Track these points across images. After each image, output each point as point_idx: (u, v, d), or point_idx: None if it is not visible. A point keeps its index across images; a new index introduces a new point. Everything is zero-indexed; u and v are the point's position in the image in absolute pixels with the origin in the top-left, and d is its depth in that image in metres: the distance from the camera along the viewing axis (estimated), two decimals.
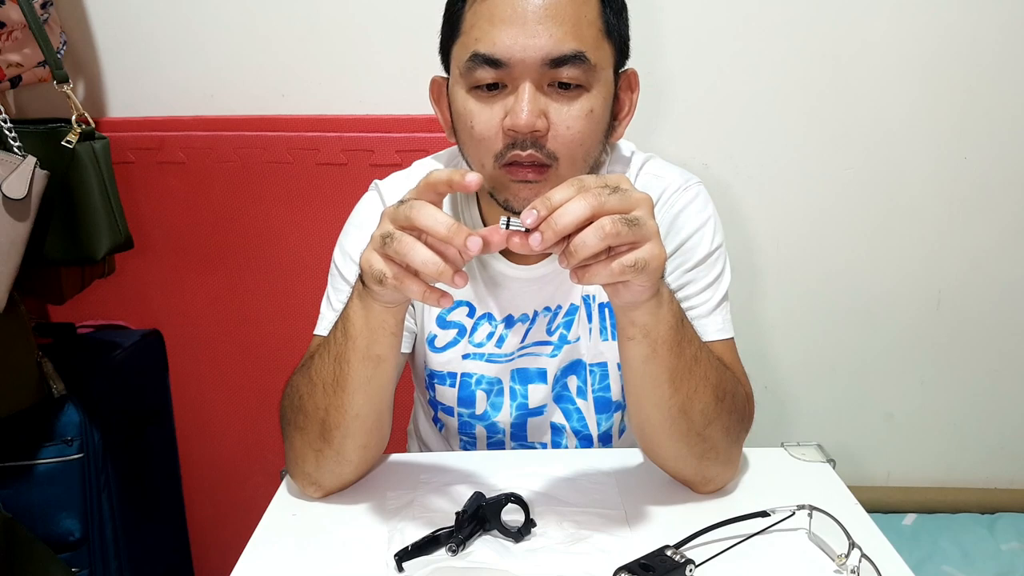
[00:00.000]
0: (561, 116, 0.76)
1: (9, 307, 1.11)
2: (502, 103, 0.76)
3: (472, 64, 0.75)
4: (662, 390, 0.73)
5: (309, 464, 0.80)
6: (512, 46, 0.73)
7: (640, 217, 0.61)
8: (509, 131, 0.75)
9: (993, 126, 1.39)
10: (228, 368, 1.49)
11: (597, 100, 0.77)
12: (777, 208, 1.44)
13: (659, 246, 0.63)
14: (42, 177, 1.12)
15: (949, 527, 1.46)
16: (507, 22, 0.73)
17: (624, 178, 0.63)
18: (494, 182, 0.80)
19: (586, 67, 0.75)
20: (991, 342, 1.51)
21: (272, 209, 1.40)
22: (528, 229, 0.61)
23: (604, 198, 0.60)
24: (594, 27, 0.76)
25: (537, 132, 0.75)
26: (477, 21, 0.75)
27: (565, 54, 0.74)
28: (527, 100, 0.74)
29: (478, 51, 0.75)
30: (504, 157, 0.77)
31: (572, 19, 0.74)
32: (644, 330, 0.70)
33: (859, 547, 0.68)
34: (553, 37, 0.73)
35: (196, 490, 1.57)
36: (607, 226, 0.59)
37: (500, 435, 0.96)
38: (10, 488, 1.22)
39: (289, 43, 1.36)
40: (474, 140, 0.78)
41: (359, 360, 0.74)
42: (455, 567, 0.70)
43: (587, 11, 0.76)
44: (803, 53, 1.35)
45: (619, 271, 0.61)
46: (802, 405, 1.56)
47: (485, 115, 0.77)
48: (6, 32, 1.19)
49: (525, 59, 0.73)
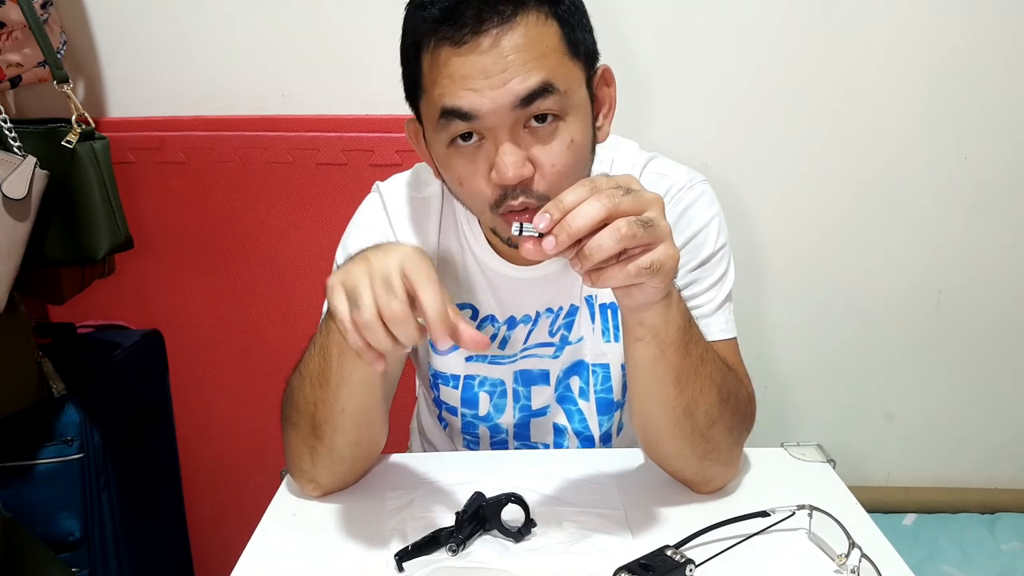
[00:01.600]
0: (545, 156, 0.74)
1: (9, 307, 1.11)
2: (484, 155, 0.74)
3: (445, 120, 0.73)
4: (668, 390, 0.73)
5: (305, 461, 0.81)
6: (479, 100, 0.71)
7: (653, 218, 0.60)
8: (498, 186, 0.74)
9: (993, 126, 1.39)
10: (228, 368, 1.49)
11: (575, 127, 0.75)
12: (777, 208, 1.44)
13: (672, 246, 0.62)
14: (42, 177, 1.12)
15: (949, 527, 1.46)
16: (467, 76, 0.71)
17: (633, 178, 0.63)
18: (494, 224, 0.79)
19: (557, 95, 0.72)
20: (991, 342, 1.51)
21: (272, 209, 1.40)
22: (542, 234, 0.60)
23: (618, 199, 0.59)
24: (557, 52, 0.73)
25: (525, 180, 0.73)
26: (437, 78, 0.73)
27: (533, 89, 0.71)
28: (508, 155, 0.72)
29: (446, 106, 0.72)
30: (499, 208, 0.75)
31: (533, 53, 0.71)
32: (653, 331, 0.69)
33: (859, 547, 0.68)
34: (517, 77, 0.70)
35: (196, 490, 1.57)
36: (623, 228, 0.59)
37: (503, 435, 0.97)
38: (10, 488, 1.21)
39: (289, 43, 1.36)
40: (464, 194, 0.78)
41: (340, 353, 0.74)
42: (455, 567, 0.70)
43: (546, 40, 0.72)
44: (803, 53, 1.35)
45: (635, 273, 0.61)
46: (802, 405, 1.56)
47: (471, 172, 0.75)
48: (6, 32, 1.19)
49: (496, 109, 0.71)
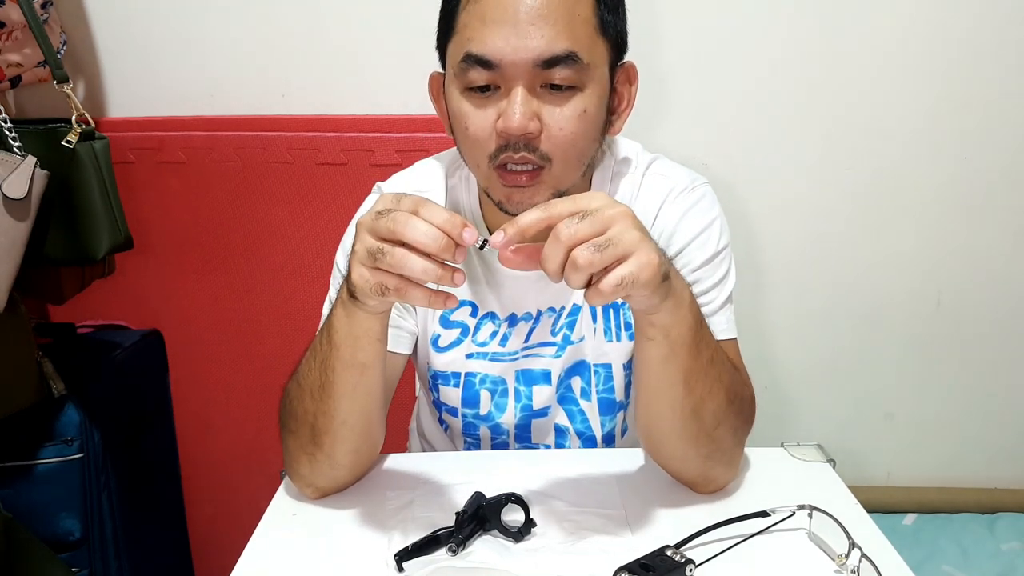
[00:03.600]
0: (554, 117, 0.75)
1: (9, 307, 1.11)
2: (495, 105, 0.76)
3: (465, 65, 0.75)
4: (677, 390, 0.73)
5: (303, 467, 0.80)
6: (503, 47, 0.73)
7: (612, 236, 0.61)
8: (502, 133, 0.75)
9: (993, 126, 1.39)
10: (228, 368, 1.49)
11: (591, 99, 0.77)
12: (776, 208, 1.44)
13: (647, 254, 0.62)
14: (42, 177, 1.12)
15: (949, 527, 1.46)
16: (498, 23, 0.73)
17: (598, 195, 0.63)
18: (488, 182, 0.80)
19: (579, 67, 0.74)
20: (991, 342, 1.51)
21: (272, 209, 1.40)
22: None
23: (574, 228, 0.60)
24: (588, 25, 0.75)
25: (529, 134, 0.75)
26: (470, 21, 0.75)
27: (557, 55, 0.73)
28: (519, 103, 0.74)
29: (470, 51, 0.74)
30: (497, 158, 0.77)
31: (565, 18, 0.73)
32: (664, 331, 0.70)
33: (859, 547, 0.68)
34: (545, 37, 0.73)
35: (196, 490, 1.57)
36: (579, 259, 0.60)
37: (504, 436, 0.96)
38: (10, 488, 1.21)
39: (289, 43, 1.36)
40: (468, 141, 0.79)
41: (344, 368, 0.74)
42: (455, 567, 0.70)
43: (580, 9, 0.75)
44: (804, 53, 1.35)
45: (610, 292, 0.62)
46: (802, 405, 1.56)
47: (479, 117, 0.77)
48: (6, 32, 1.19)
49: (516, 61, 0.73)
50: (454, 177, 0.93)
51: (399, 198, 0.64)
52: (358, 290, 0.66)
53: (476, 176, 0.84)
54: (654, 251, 0.63)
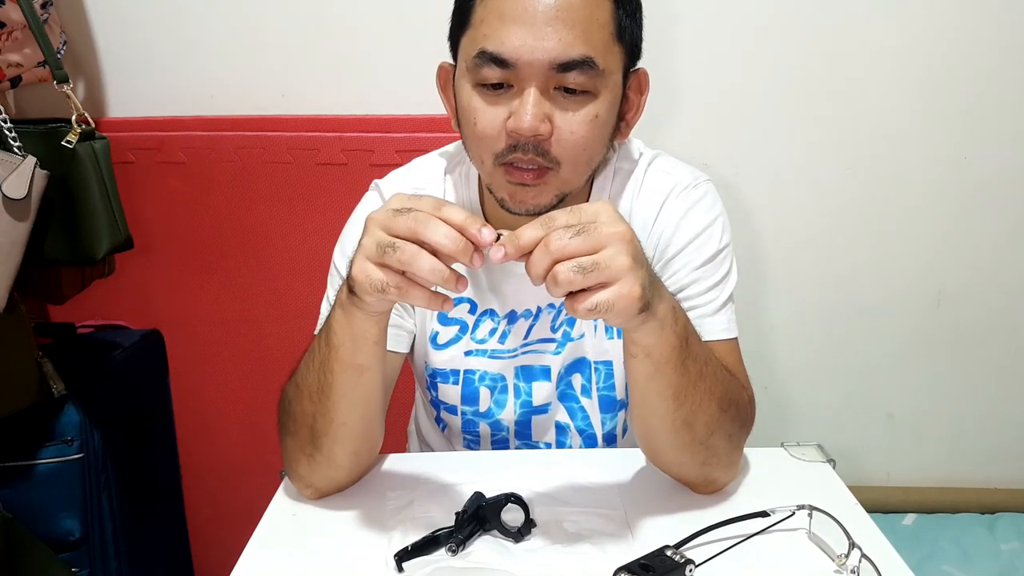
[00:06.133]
0: (566, 121, 0.75)
1: (9, 307, 1.11)
2: (507, 103, 0.75)
3: (479, 61, 0.75)
4: (666, 405, 0.73)
5: (302, 467, 0.80)
6: (520, 47, 0.72)
7: (601, 261, 0.60)
8: (512, 133, 0.75)
9: (993, 126, 1.39)
10: (228, 368, 1.49)
11: (603, 105, 0.76)
12: (777, 208, 1.44)
13: (629, 286, 0.61)
14: (42, 177, 1.12)
15: (949, 527, 1.46)
16: (516, 21, 0.72)
17: (604, 209, 0.62)
18: (493, 179, 0.80)
19: (594, 72, 0.74)
20: (991, 342, 1.51)
21: (272, 209, 1.40)
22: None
23: (565, 241, 0.59)
24: (605, 30, 0.75)
25: (540, 136, 0.74)
26: (487, 16, 0.74)
27: (573, 59, 0.73)
28: (531, 104, 0.73)
29: (486, 48, 0.74)
30: (505, 157, 0.76)
31: (583, 22, 0.73)
32: (646, 350, 0.69)
33: (859, 547, 0.68)
34: (562, 41, 0.72)
35: (196, 490, 1.57)
36: (559, 275, 0.59)
37: (504, 433, 0.96)
38: (10, 488, 1.21)
39: (289, 43, 1.36)
40: (476, 137, 0.78)
41: (342, 369, 0.74)
42: (455, 567, 0.70)
43: (599, 13, 0.74)
44: (804, 54, 1.35)
45: (583, 313, 0.61)
46: (802, 405, 1.56)
47: (489, 114, 0.76)
48: (6, 32, 1.19)
49: (532, 61, 0.72)
50: (454, 173, 0.93)
51: (418, 198, 0.63)
52: (357, 285, 0.65)
53: (480, 171, 0.84)
54: (638, 283, 0.61)
